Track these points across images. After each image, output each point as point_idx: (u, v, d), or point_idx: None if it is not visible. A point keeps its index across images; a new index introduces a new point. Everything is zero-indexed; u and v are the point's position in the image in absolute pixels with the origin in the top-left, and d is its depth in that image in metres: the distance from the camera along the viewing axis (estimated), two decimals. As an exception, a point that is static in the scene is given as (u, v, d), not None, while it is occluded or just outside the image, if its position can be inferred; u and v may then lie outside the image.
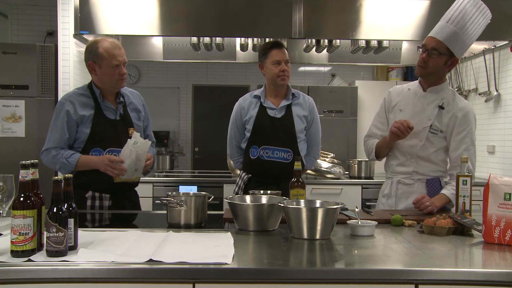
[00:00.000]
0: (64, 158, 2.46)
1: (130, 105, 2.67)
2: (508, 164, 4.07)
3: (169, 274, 1.45)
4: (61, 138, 2.51)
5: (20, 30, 4.80)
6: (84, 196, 2.51)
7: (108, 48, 2.47)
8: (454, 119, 2.48)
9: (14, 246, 1.49)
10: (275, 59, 2.88)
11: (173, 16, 3.97)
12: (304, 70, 5.79)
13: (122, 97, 2.62)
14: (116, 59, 2.48)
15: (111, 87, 2.55)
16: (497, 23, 3.99)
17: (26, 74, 3.90)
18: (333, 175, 4.30)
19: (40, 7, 4.74)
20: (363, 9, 4.02)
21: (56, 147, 2.51)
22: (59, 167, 2.49)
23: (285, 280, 1.47)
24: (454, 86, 4.89)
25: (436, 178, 2.54)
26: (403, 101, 2.60)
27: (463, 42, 2.42)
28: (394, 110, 2.62)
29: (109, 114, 2.56)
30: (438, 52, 2.41)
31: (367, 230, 1.92)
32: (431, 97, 2.53)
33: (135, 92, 2.77)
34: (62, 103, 2.55)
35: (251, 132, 2.94)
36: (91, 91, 2.57)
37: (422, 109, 2.52)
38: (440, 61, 2.44)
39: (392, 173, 2.63)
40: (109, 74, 2.49)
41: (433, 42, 2.42)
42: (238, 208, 2.00)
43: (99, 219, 2.39)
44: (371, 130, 2.73)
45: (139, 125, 2.67)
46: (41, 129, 3.91)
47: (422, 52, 2.46)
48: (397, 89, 2.69)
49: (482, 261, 1.68)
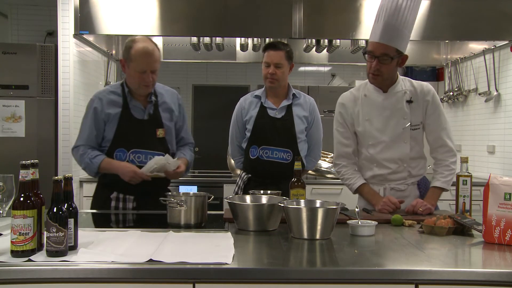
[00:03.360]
0: (88, 158, 2.44)
1: (163, 105, 2.58)
2: (508, 164, 4.07)
3: (169, 274, 1.45)
4: (89, 136, 2.48)
5: (20, 30, 4.79)
6: (109, 196, 2.49)
7: (139, 52, 2.39)
8: (425, 103, 2.41)
9: (14, 246, 1.49)
10: (265, 60, 2.86)
11: (173, 16, 3.97)
12: (304, 70, 5.79)
13: (154, 96, 2.55)
14: (143, 66, 2.39)
15: (134, 89, 2.49)
16: (497, 23, 4.01)
17: (26, 74, 3.89)
18: (333, 175, 4.29)
19: (40, 7, 4.74)
20: (363, 9, 4.02)
21: (85, 145, 2.48)
22: (84, 166, 2.48)
23: (285, 280, 1.47)
24: (454, 86, 4.89)
25: (424, 177, 2.52)
26: (366, 111, 2.45)
27: (407, 37, 2.32)
28: (361, 122, 2.46)
29: (136, 114, 2.50)
30: (389, 57, 2.29)
31: (367, 230, 1.92)
32: (395, 96, 2.42)
33: (171, 91, 2.67)
34: (92, 99, 2.52)
35: (251, 132, 2.93)
36: (123, 88, 2.52)
37: (392, 112, 2.41)
38: (392, 64, 2.32)
39: (383, 181, 2.48)
40: (134, 77, 2.43)
41: (381, 47, 2.28)
42: (238, 208, 2.00)
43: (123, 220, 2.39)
44: (341, 150, 2.53)
45: (169, 126, 2.58)
46: (41, 129, 3.91)
47: (370, 58, 2.33)
48: (350, 99, 2.51)
49: (482, 261, 1.68)
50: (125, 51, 2.44)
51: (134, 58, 2.40)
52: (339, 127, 2.54)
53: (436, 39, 4.36)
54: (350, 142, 2.52)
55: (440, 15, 3.97)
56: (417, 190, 2.50)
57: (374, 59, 2.32)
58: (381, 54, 2.29)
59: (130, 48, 2.41)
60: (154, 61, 2.42)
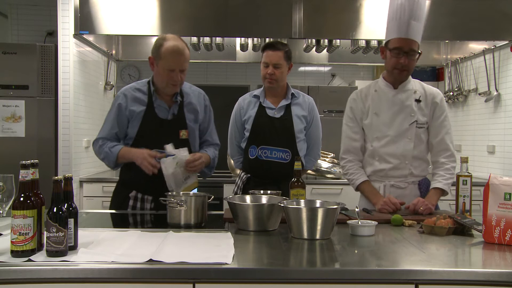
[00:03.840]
0: (107, 148, 2.43)
1: (188, 106, 2.54)
2: (508, 164, 4.07)
3: (169, 274, 1.45)
4: (110, 131, 2.48)
5: (20, 30, 4.79)
6: (128, 195, 2.48)
7: (170, 50, 2.36)
8: (434, 105, 2.46)
9: (14, 246, 1.49)
10: (264, 61, 2.87)
11: (173, 16, 3.97)
12: (304, 70, 5.79)
13: (180, 96, 2.51)
14: (172, 65, 2.36)
15: (162, 88, 2.46)
16: (497, 23, 4.01)
17: (26, 74, 3.89)
18: (333, 175, 4.30)
19: (40, 7, 4.74)
20: (363, 9, 4.02)
21: (104, 138, 2.48)
22: (103, 156, 2.47)
23: (285, 280, 1.47)
24: (454, 86, 4.89)
25: (425, 178, 2.53)
26: (375, 105, 2.50)
27: (421, 31, 2.41)
28: (369, 115, 2.51)
29: (160, 113, 2.47)
30: (416, 52, 2.37)
31: (367, 230, 1.92)
32: (404, 93, 2.47)
33: (198, 91, 2.64)
34: (117, 96, 2.51)
35: (250, 131, 2.93)
36: (149, 87, 2.49)
37: (401, 108, 2.46)
38: (416, 60, 2.42)
39: (384, 177, 2.51)
40: (163, 75, 2.40)
41: (410, 43, 2.34)
42: (238, 208, 2.00)
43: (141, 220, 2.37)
44: (348, 144, 2.56)
45: (193, 127, 2.54)
46: (41, 129, 3.91)
47: (396, 55, 2.37)
48: (361, 94, 2.57)
49: (482, 261, 1.68)
50: (154, 48, 2.41)
51: (163, 56, 2.37)
52: (348, 122, 2.58)
53: (436, 39, 4.36)
54: (358, 137, 2.55)
55: (440, 15, 3.97)
56: (418, 190, 2.50)
57: (401, 55, 2.36)
58: (409, 49, 2.35)
59: (160, 46, 2.38)
60: (184, 60, 2.40)
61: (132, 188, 2.48)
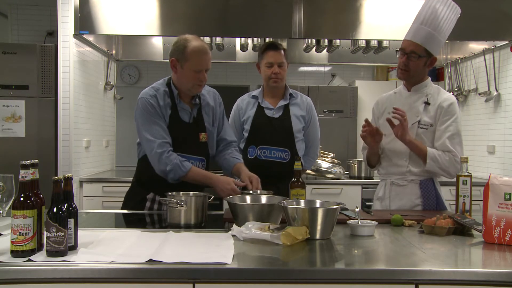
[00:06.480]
0: (178, 160, 2.29)
1: (206, 107, 2.51)
2: (508, 164, 4.07)
3: (169, 274, 1.45)
4: (164, 130, 2.33)
5: (20, 30, 4.79)
6: (145, 197, 2.45)
7: (196, 51, 2.33)
8: (440, 109, 2.50)
9: (14, 246, 1.49)
10: (268, 61, 2.89)
11: (173, 16, 3.97)
12: (304, 70, 5.79)
13: (198, 99, 2.48)
14: (201, 65, 2.33)
15: (187, 89, 2.40)
16: (497, 23, 4.01)
17: (26, 74, 3.89)
18: (333, 175, 4.30)
19: (40, 7, 4.74)
20: (363, 9, 4.02)
21: (169, 143, 2.32)
22: (171, 168, 2.28)
23: (285, 280, 1.47)
24: (454, 86, 4.89)
25: (429, 178, 2.55)
26: (390, 105, 2.61)
27: (439, 41, 2.49)
28: (384, 115, 2.64)
29: (183, 116, 2.42)
30: (417, 55, 2.46)
31: (367, 230, 1.92)
32: (416, 95, 2.58)
33: (212, 91, 2.62)
34: (144, 98, 2.36)
35: (249, 132, 2.94)
36: (170, 89, 2.43)
37: (409, 108, 2.54)
38: (420, 63, 2.49)
39: (386, 174, 2.65)
40: (189, 77, 2.35)
41: (411, 45, 2.47)
42: (238, 208, 2.00)
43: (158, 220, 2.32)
44: None
45: (211, 130, 2.51)
46: (41, 129, 3.91)
47: (401, 55, 2.51)
48: (384, 97, 2.74)
49: (482, 261, 1.68)
50: (177, 51, 2.36)
51: (190, 57, 2.33)
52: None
53: (436, 39, 4.36)
54: None
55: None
56: (419, 189, 2.53)
57: (404, 56, 2.49)
58: (410, 51, 2.47)
59: (185, 48, 2.34)
60: (209, 60, 2.38)
61: (149, 190, 2.45)
